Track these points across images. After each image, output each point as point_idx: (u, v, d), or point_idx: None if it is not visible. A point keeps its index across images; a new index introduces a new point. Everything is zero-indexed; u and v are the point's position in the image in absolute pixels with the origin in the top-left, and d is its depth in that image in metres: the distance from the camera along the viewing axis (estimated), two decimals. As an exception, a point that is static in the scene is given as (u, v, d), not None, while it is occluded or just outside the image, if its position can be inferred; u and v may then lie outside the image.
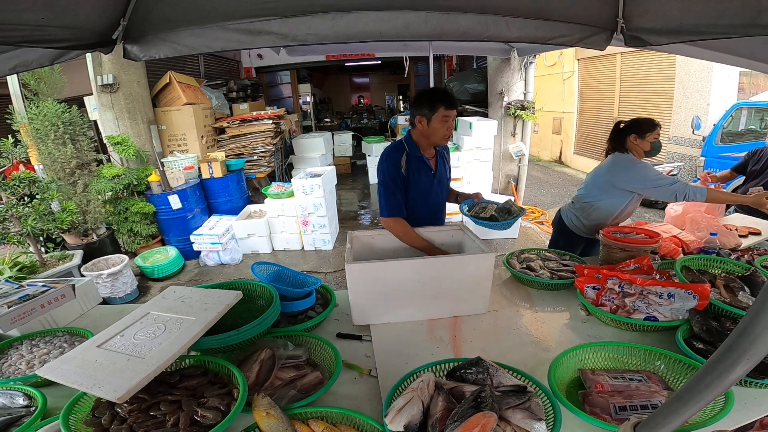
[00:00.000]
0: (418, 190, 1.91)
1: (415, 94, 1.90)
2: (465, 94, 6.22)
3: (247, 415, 1.02)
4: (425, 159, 1.91)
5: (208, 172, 4.89)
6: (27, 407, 1.15)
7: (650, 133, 2.13)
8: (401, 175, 1.85)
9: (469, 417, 0.90)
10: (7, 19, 1.13)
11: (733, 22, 1.35)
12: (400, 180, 1.85)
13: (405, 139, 1.92)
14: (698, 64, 5.74)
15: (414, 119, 1.85)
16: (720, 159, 5.37)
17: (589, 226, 2.36)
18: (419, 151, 1.89)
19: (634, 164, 2.18)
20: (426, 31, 1.77)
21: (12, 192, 3.19)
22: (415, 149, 1.88)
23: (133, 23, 1.62)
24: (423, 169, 1.90)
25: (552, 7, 1.81)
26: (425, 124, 1.81)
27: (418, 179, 1.90)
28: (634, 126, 2.18)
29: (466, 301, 1.57)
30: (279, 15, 1.65)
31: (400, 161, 1.85)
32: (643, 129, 2.15)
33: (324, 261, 4.59)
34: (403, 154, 1.86)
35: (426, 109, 1.79)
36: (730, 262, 1.72)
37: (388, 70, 13.93)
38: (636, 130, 2.16)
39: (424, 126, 1.82)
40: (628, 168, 2.18)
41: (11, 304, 1.46)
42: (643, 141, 2.15)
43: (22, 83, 4.19)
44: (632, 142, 2.18)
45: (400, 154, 1.86)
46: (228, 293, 1.37)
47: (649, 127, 2.14)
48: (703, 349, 1.22)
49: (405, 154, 1.86)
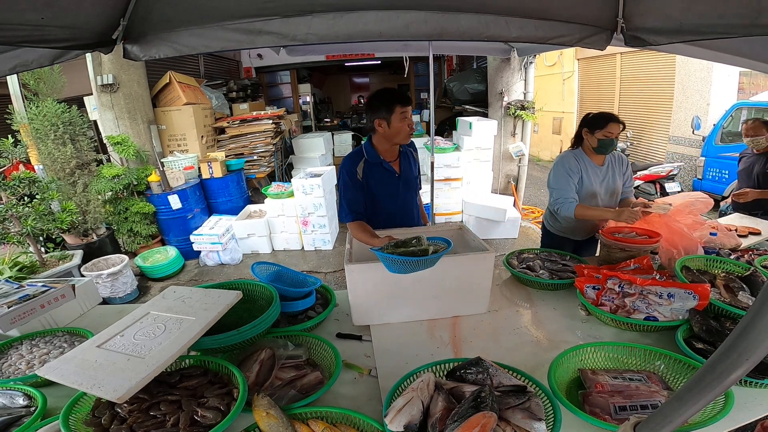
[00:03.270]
0: (382, 194, 1.91)
1: (366, 100, 1.86)
2: (465, 94, 6.22)
3: (247, 415, 1.02)
4: (385, 164, 1.89)
5: (208, 172, 4.89)
6: (27, 407, 1.15)
7: (600, 130, 2.06)
8: (358, 182, 1.85)
9: (469, 417, 0.90)
10: (7, 19, 1.13)
11: (733, 22, 1.34)
12: (356, 186, 1.85)
13: (364, 146, 1.90)
14: (698, 64, 5.74)
15: (373, 124, 1.82)
16: (720, 159, 5.37)
17: (563, 226, 2.33)
18: (379, 156, 1.88)
19: (555, 164, 2.19)
20: (426, 31, 1.77)
21: (12, 192, 3.19)
22: (375, 156, 1.87)
23: (133, 23, 1.62)
24: (384, 175, 1.90)
25: (552, 6, 1.81)
26: (386, 126, 1.78)
27: (380, 184, 1.89)
28: (586, 120, 2.15)
29: (466, 301, 1.57)
30: (279, 15, 1.65)
31: (356, 168, 1.85)
32: (593, 124, 2.10)
33: (324, 261, 4.58)
34: (361, 161, 1.86)
35: (383, 112, 1.76)
36: (730, 262, 1.72)
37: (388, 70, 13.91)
38: (587, 125, 2.13)
39: (385, 128, 1.79)
40: (553, 166, 2.21)
41: (11, 304, 1.46)
42: (592, 136, 2.10)
43: (22, 83, 4.19)
44: (584, 137, 2.16)
45: (356, 162, 1.86)
46: (228, 293, 1.37)
47: (600, 123, 2.07)
48: (703, 349, 1.22)
49: (363, 161, 1.86)
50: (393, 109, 1.74)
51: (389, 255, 1.31)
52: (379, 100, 1.78)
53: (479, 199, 5.07)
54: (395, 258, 1.30)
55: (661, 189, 5.73)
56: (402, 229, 1.87)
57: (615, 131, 2.06)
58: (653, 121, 6.84)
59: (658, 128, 6.73)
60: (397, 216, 1.99)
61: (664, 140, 6.58)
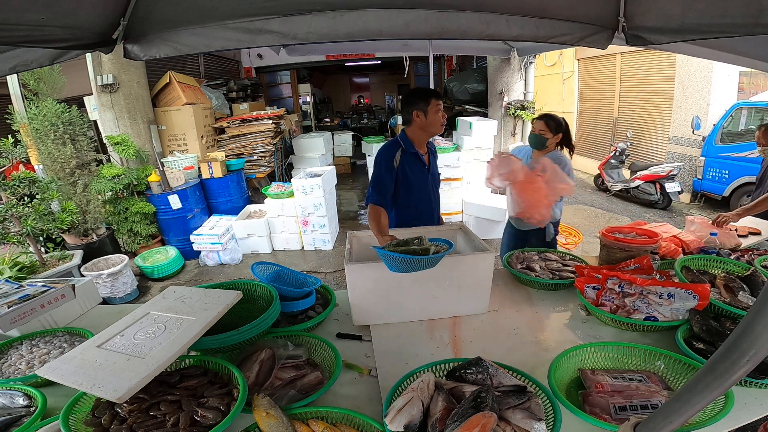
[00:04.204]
0: (414, 183, 2.03)
1: (405, 95, 2.04)
2: (465, 94, 6.22)
3: (247, 415, 1.02)
4: (420, 155, 2.04)
5: (208, 172, 4.89)
6: (27, 407, 1.15)
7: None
8: (393, 169, 1.96)
9: (469, 417, 0.90)
10: (7, 19, 1.13)
11: (734, 21, 1.34)
12: (391, 174, 1.96)
13: (400, 137, 2.03)
14: (698, 64, 5.73)
15: (411, 116, 1.95)
16: (720, 159, 5.37)
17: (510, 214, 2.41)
18: (414, 147, 2.01)
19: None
20: (426, 30, 1.77)
21: (12, 192, 3.19)
22: (410, 146, 2.01)
23: (134, 23, 1.62)
24: (417, 164, 2.03)
25: (553, 5, 1.81)
26: (423, 117, 1.93)
27: (413, 173, 2.02)
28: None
29: (466, 301, 1.57)
30: (279, 14, 1.65)
31: (395, 156, 1.96)
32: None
33: (324, 261, 4.58)
34: (398, 150, 1.98)
35: (422, 104, 1.91)
36: (730, 262, 1.72)
37: (388, 70, 13.93)
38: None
39: (422, 119, 1.93)
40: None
41: (11, 304, 1.46)
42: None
43: (22, 83, 4.19)
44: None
45: (394, 150, 1.98)
46: (228, 293, 1.37)
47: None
48: (703, 349, 1.22)
49: (400, 150, 1.98)
50: (430, 101, 1.91)
51: (390, 253, 1.31)
52: (417, 95, 1.95)
53: (479, 199, 5.07)
54: (396, 256, 1.30)
55: (661, 189, 5.73)
56: (403, 229, 1.87)
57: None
58: (653, 121, 6.83)
59: (658, 128, 6.72)
60: (425, 206, 2.12)
61: (664, 140, 6.57)
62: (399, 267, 1.33)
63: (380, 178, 1.95)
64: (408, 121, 1.99)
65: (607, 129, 7.94)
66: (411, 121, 1.97)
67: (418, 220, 2.07)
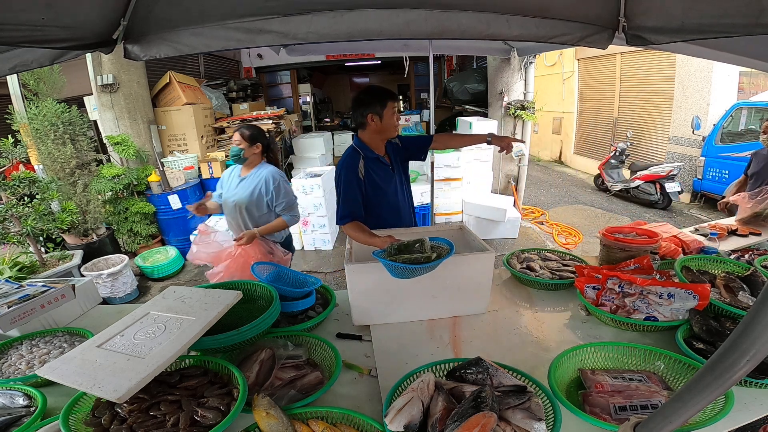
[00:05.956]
0: (383, 186, 1.93)
1: (356, 97, 1.87)
2: (465, 94, 6.21)
3: (247, 415, 1.02)
4: (381, 158, 1.93)
5: (208, 172, 4.89)
6: (27, 407, 1.15)
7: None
8: (361, 181, 1.85)
9: (469, 417, 0.90)
10: (7, 19, 1.13)
11: (735, 21, 1.34)
12: (360, 187, 1.84)
13: (356, 144, 1.91)
14: (698, 64, 5.73)
15: (365, 119, 1.83)
16: (720, 159, 5.37)
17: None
18: (373, 152, 1.90)
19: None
20: (427, 29, 1.77)
21: (12, 192, 3.19)
22: (370, 151, 1.90)
23: (134, 23, 1.62)
24: (381, 167, 1.93)
25: (553, 5, 1.81)
26: (378, 121, 1.82)
27: (380, 178, 1.92)
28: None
29: (466, 301, 1.57)
30: (279, 14, 1.65)
31: (358, 167, 1.85)
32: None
33: (324, 261, 4.58)
34: (359, 159, 1.86)
35: (377, 106, 1.80)
36: (730, 262, 1.72)
37: (388, 70, 13.90)
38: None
39: (377, 123, 1.83)
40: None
41: (11, 304, 1.46)
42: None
43: (22, 83, 4.18)
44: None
45: (356, 161, 1.85)
46: (228, 293, 1.37)
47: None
48: (703, 349, 1.22)
49: (361, 158, 1.87)
50: (386, 103, 1.79)
51: (393, 263, 1.32)
52: (371, 96, 1.82)
53: (479, 199, 5.07)
54: (400, 266, 1.31)
55: (661, 189, 5.73)
56: (402, 229, 1.86)
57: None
58: (653, 121, 6.84)
59: (658, 128, 6.73)
60: (401, 204, 2.03)
61: (664, 140, 6.58)
62: (401, 274, 1.35)
63: (349, 194, 1.82)
64: (362, 124, 1.86)
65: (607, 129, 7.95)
66: (365, 124, 1.84)
67: (397, 220, 2.00)
